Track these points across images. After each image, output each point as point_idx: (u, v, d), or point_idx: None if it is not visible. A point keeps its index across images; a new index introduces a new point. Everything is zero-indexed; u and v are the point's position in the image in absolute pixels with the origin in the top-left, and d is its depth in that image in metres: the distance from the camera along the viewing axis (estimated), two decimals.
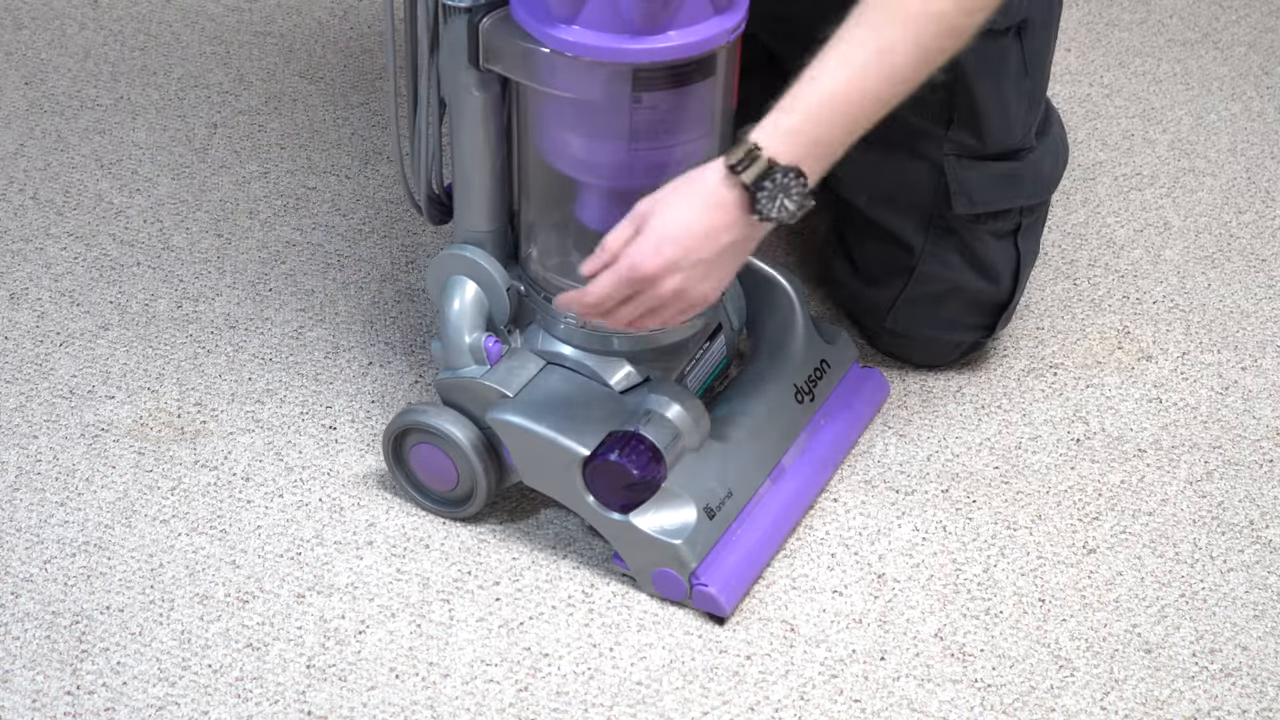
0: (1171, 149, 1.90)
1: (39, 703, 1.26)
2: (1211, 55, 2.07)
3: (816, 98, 1.18)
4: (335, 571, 1.37)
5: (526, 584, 1.37)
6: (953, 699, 1.29)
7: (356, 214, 1.75)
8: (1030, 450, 1.51)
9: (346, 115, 1.89)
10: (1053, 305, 1.66)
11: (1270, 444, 1.52)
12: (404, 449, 1.40)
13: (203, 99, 1.91)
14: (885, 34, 1.18)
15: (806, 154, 1.19)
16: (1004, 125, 1.45)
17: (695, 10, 1.20)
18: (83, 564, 1.36)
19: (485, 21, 1.26)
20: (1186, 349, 1.62)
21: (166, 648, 1.30)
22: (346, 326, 1.61)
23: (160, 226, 1.72)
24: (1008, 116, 1.45)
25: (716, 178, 1.19)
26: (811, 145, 1.19)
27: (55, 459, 1.46)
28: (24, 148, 1.82)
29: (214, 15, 2.06)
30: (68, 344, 1.57)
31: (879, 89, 1.19)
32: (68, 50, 1.98)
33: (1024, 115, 1.46)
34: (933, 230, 1.49)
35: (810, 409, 1.46)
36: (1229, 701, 1.29)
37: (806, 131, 1.18)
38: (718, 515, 1.34)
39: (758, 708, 1.28)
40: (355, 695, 1.27)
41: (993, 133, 1.45)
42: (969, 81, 1.42)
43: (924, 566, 1.39)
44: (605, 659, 1.31)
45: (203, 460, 1.46)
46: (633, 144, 1.25)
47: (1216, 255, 1.74)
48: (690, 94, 1.24)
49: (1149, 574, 1.39)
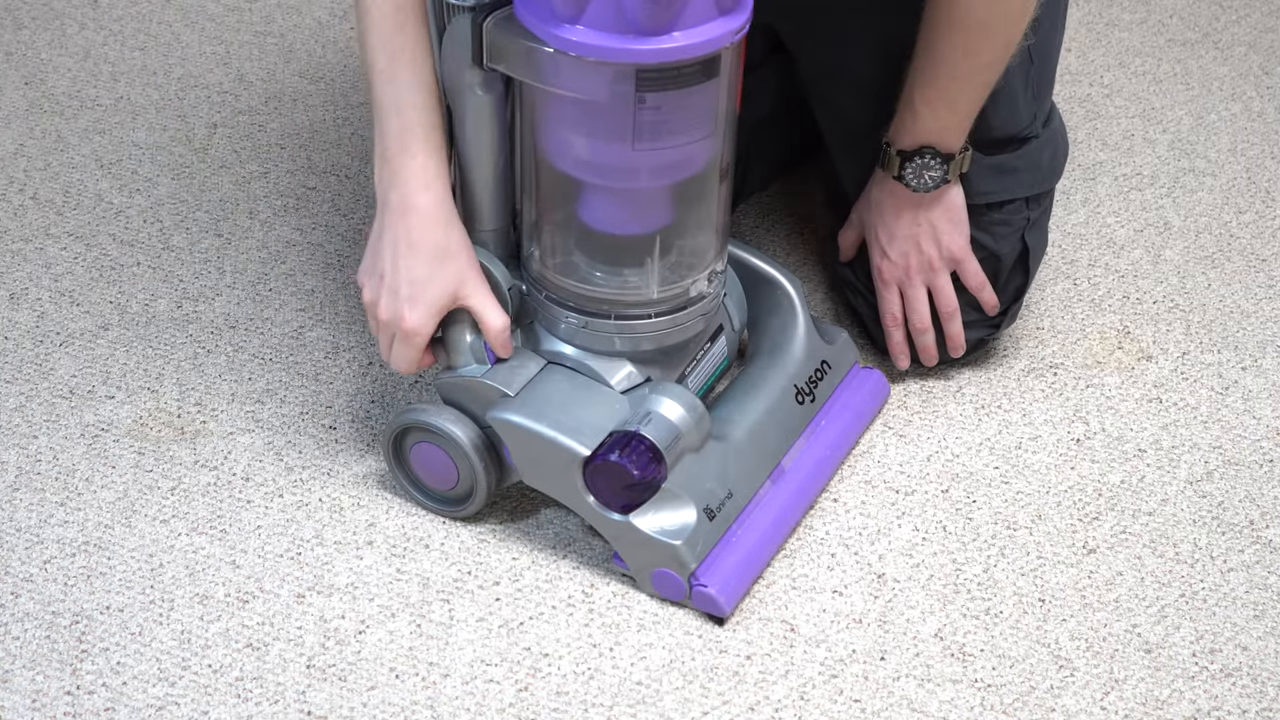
0: (1171, 149, 1.90)
1: (39, 703, 1.26)
2: (1211, 55, 2.07)
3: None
4: (335, 571, 1.37)
5: (526, 584, 1.37)
6: (953, 699, 1.29)
7: (356, 214, 1.75)
8: (1030, 450, 1.51)
9: (346, 115, 1.89)
10: (1053, 305, 1.66)
11: (1270, 444, 1.52)
12: (404, 448, 1.40)
13: (203, 99, 1.91)
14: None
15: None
16: (1010, 111, 1.46)
17: (699, 11, 1.20)
18: (83, 564, 1.36)
19: (489, 21, 1.26)
20: (1186, 349, 1.62)
21: (166, 648, 1.30)
22: (346, 326, 1.61)
23: (160, 226, 1.72)
24: (1015, 104, 1.46)
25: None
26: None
27: (55, 459, 1.46)
28: (24, 148, 1.82)
29: (214, 15, 2.06)
30: (68, 344, 1.57)
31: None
32: (68, 50, 1.98)
33: (1030, 103, 1.47)
34: None
35: (811, 410, 1.46)
36: (1229, 701, 1.29)
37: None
38: (718, 516, 1.34)
39: (758, 708, 1.28)
40: (355, 695, 1.27)
41: (1000, 118, 1.45)
42: None
43: (924, 566, 1.39)
44: (605, 659, 1.31)
45: (203, 460, 1.46)
46: (636, 144, 1.25)
47: (1216, 255, 1.74)
48: (694, 94, 1.24)
49: (1149, 574, 1.39)
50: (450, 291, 1.31)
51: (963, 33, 1.36)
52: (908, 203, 1.46)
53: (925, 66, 1.39)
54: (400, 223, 1.29)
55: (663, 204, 1.31)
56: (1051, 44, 1.49)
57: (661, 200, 1.31)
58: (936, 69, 1.39)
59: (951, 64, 1.38)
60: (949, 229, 1.47)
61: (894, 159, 1.44)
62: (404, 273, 1.29)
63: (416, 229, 1.29)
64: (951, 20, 1.36)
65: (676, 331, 1.36)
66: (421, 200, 1.29)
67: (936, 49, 1.38)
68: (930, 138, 1.42)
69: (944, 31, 1.37)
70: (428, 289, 1.30)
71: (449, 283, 1.30)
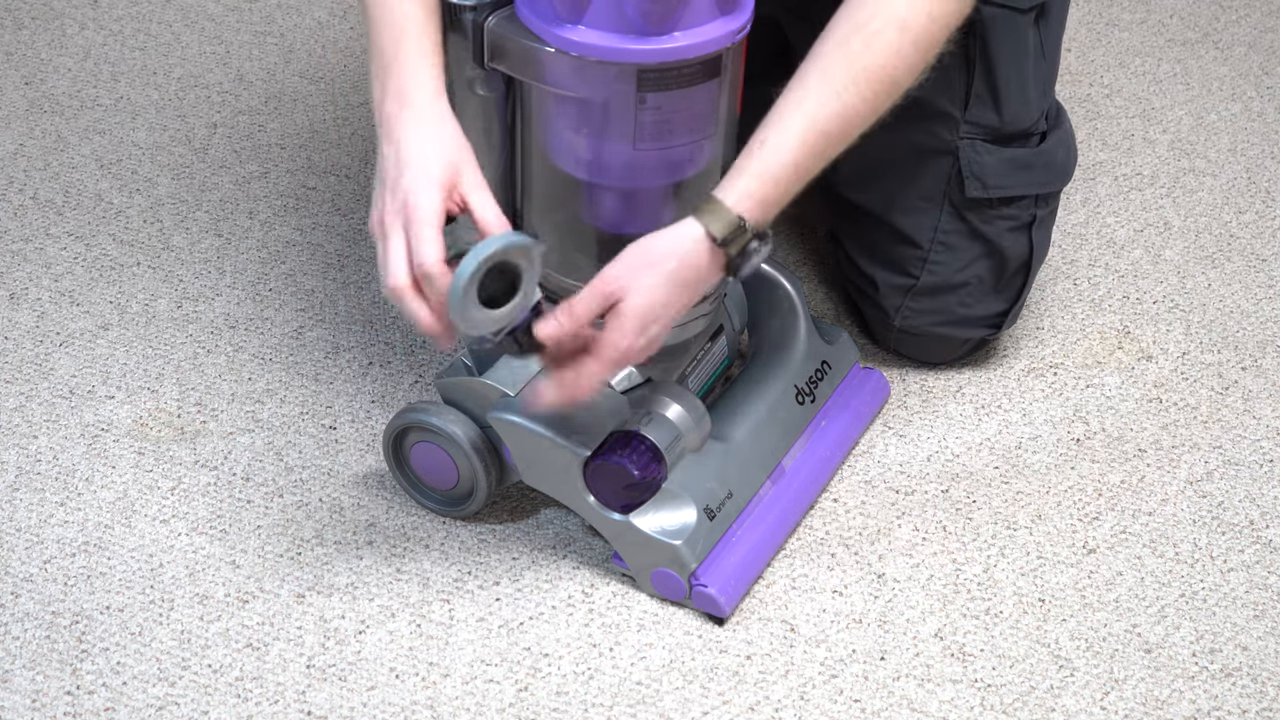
0: (1171, 149, 1.90)
1: (39, 703, 1.26)
2: (1211, 55, 2.07)
3: (787, 163, 1.23)
4: (335, 571, 1.37)
5: (526, 584, 1.37)
6: (953, 699, 1.29)
7: (356, 214, 1.75)
8: (1030, 450, 1.51)
9: (346, 115, 1.89)
10: (1053, 305, 1.66)
11: (1270, 444, 1.52)
12: (404, 448, 1.40)
13: (203, 99, 1.91)
14: (845, 96, 1.24)
15: (770, 215, 1.25)
16: (1022, 104, 1.46)
17: (700, 11, 1.20)
18: (83, 564, 1.36)
19: (490, 20, 1.26)
20: (1186, 349, 1.62)
21: (166, 648, 1.30)
22: (346, 326, 1.61)
23: (160, 226, 1.72)
24: (1026, 97, 1.46)
25: (700, 248, 1.22)
26: (776, 206, 1.25)
27: (55, 459, 1.46)
28: (24, 148, 1.82)
29: (214, 15, 2.06)
30: (68, 344, 1.57)
31: (834, 149, 1.26)
32: (68, 50, 1.98)
33: (1039, 99, 1.48)
34: (944, 218, 1.49)
35: (811, 410, 1.46)
36: (1229, 701, 1.29)
37: (775, 197, 1.24)
38: (718, 516, 1.34)
39: (758, 708, 1.28)
40: (355, 695, 1.27)
41: (1011, 109, 1.46)
42: (991, 59, 1.43)
43: (924, 566, 1.39)
44: (605, 659, 1.31)
45: (203, 460, 1.46)
46: (637, 144, 1.25)
47: (1216, 255, 1.74)
48: (695, 95, 1.24)
49: (1149, 574, 1.39)
50: (450, 161, 1.23)
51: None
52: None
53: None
54: (397, 127, 1.24)
55: (663, 204, 1.31)
56: (1058, 40, 1.49)
57: (662, 200, 1.31)
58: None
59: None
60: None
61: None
62: (405, 169, 1.22)
63: (411, 127, 1.24)
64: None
65: (677, 332, 1.36)
66: (416, 98, 1.24)
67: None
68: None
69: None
70: (427, 169, 1.22)
71: (447, 161, 1.23)
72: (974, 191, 1.48)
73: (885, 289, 1.54)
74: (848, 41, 1.24)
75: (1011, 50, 1.44)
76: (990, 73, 1.45)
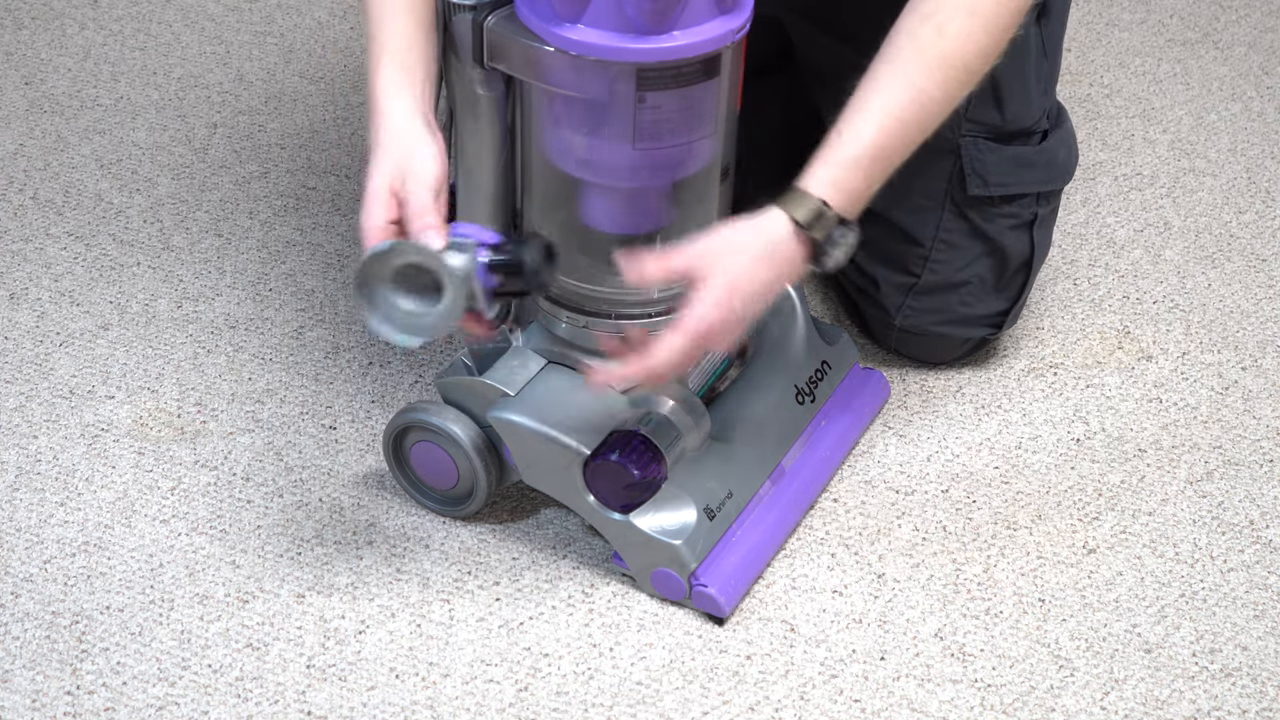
0: (1171, 149, 1.90)
1: (39, 703, 1.26)
2: (1211, 55, 2.07)
3: (865, 149, 1.23)
4: (335, 571, 1.37)
5: (526, 584, 1.37)
6: (953, 699, 1.29)
7: (356, 214, 1.73)
8: (1030, 450, 1.51)
9: (346, 115, 1.89)
10: (1053, 305, 1.66)
11: (1270, 444, 1.52)
12: (404, 448, 1.40)
13: (203, 99, 1.91)
14: (919, 83, 1.24)
15: (855, 204, 1.24)
16: (1024, 103, 1.46)
17: (700, 10, 1.20)
18: (83, 564, 1.36)
19: (490, 20, 1.26)
20: (1186, 349, 1.62)
21: (166, 648, 1.30)
22: (346, 326, 1.61)
23: (160, 226, 1.72)
24: (1028, 95, 1.46)
25: (785, 232, 1.22)
26: (861, 195, 1.25)
27: (55, 459, 1.46)
28: (24, 148, 1.82)
29: (214, 15, 2.06)
30: (68, 344, 1.57)
31: (913, 136, 1.26)
32: (68, 50, 1.98)
33: (1040, 97, 1.48)
34: (946, 216, 1.49)
35: (811, 410, 1.46)
36: (1229, 701, 1.29)
37: (857, 184, 1.24)
38: (718, 516, 1.34)
39: (758, 708, 1.28)
40: (355, 695, 1.27)
41: (1013, 107, 1.46)
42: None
43: (924, 566, 1.39)
44: (605, 659, 1.31)
45: (203, 460, 1.46)
46: (636, 143, 1.25)
47: (1216, 255, 1.74)
48: (694, 94, 1.24)
49: (1149, 574, 1.39)
50: (397, 161, 1.24)
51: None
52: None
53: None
54: (374, 134, 1.25)
55: (663, 204, 1.31)
56: (1059, 39, 1.50)
57: (662, 200, 1.31)
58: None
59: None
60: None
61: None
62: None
63: (384, 132, 1.25)
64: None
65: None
66: (390, 107, 1.25)
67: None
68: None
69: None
70: (384, 158, 1.24)
71: (394, 160, 1.24)
72: (975, 189, 1.48)
73: (886, 287, 1.54)
74: (917, 32, 1.24)
75: (1013, 48, 1.44)
76: (992, 71, 1.45)
